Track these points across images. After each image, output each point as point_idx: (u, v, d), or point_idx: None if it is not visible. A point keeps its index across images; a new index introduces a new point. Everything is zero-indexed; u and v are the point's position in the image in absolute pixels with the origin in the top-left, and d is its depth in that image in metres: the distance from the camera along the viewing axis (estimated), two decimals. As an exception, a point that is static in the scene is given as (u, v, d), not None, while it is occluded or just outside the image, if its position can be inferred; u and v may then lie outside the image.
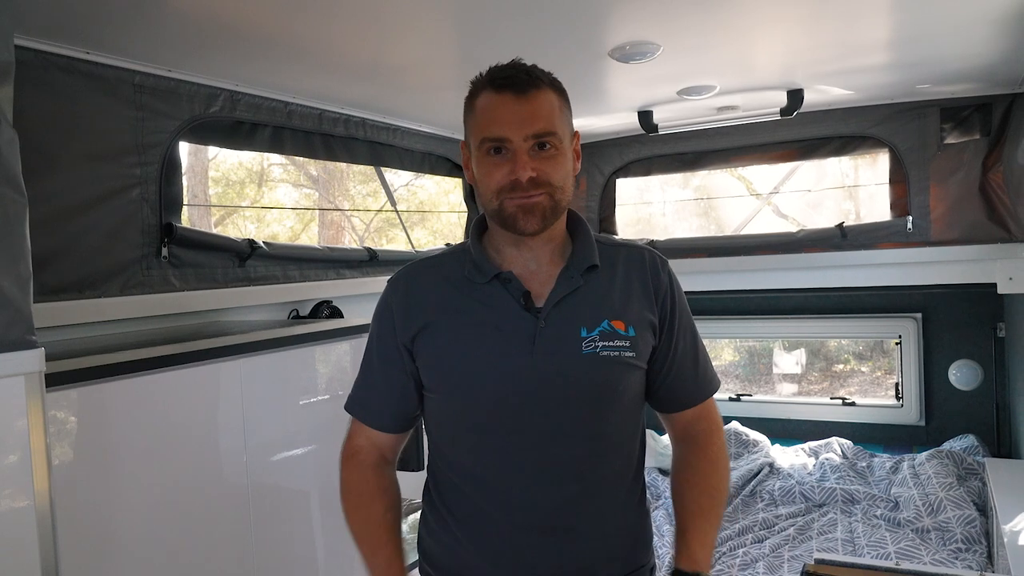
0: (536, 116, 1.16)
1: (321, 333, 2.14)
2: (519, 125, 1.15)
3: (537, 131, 1.15)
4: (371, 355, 1.32)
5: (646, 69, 2.46)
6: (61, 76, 1.97)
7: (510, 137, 1.15)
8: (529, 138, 1.15)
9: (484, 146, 1.18)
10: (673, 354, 1.30)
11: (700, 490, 1.30)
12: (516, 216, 1.17)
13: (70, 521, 1.47)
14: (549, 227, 1.21)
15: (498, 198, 1.18)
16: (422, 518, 1.36)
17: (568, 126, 1.23)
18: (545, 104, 1.17)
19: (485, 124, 1.18)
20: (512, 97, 1.16)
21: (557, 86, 1.22)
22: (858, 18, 2.10)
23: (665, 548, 3.10)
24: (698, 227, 4.87)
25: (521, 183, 1.15)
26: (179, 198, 2.36)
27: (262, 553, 1.92)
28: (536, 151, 1.16)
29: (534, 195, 1.16)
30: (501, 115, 1.16)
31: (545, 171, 1.16)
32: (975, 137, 3.29)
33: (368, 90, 2.70)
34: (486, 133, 1.17)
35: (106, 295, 2.11)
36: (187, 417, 1.76)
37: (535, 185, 1.15)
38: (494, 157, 1.18)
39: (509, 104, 1.16)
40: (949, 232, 3.39)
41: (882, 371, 4.74)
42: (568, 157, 1.21)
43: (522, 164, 1.15)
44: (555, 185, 1.18)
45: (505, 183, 1.16)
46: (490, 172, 1.18)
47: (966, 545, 2.88)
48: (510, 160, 1.16)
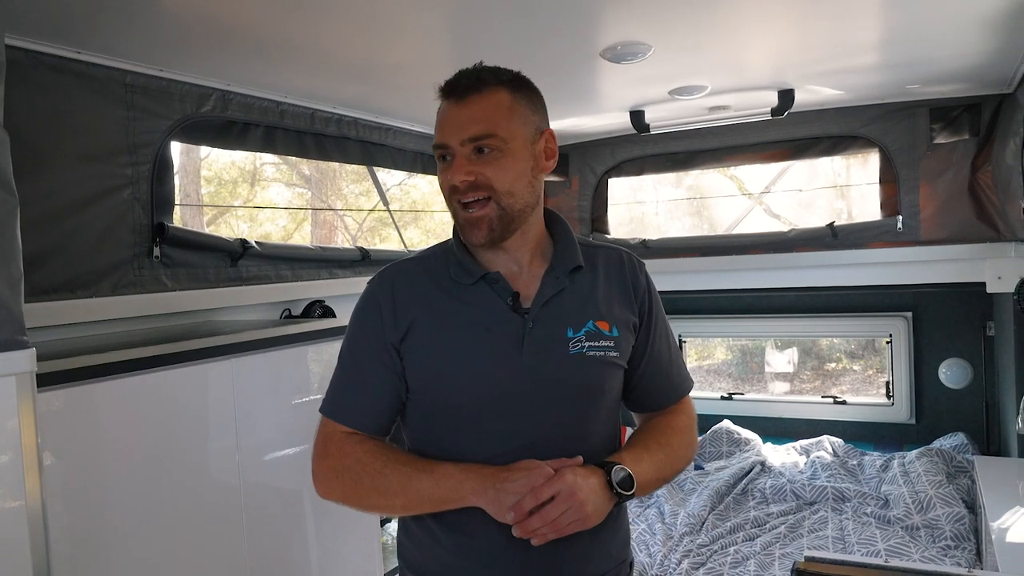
0: (473, 120, 1.16)
1: (313, 333, 2.14)
2: (456, 130, 1.17)
3: (472, 135, 1.16)
4: (352, 353, 1.28)
5: (638, 69, 2.47)
6: (52, 76, 1.97)
7: (448, 143, 1.18)
8: (465, 142, 1.16)
9: (436, 153, 1.22)
10: (651, 354, 1.33)
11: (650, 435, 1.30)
12: (464, 227, 1.20)
13: (61, 521, 1.47)
14: (505, 235, 1.21)
15: (451, 206, 1.21)
16: (402, 526, 1.34)
17: (525, 125, 1.20)
18: (487, 106, 1.17)
19: (436, 132, 1.21)
20: (453, 103, 1.18)
21: (514, 85, 1.21)
22: (848, 19, 2.12)
23: (657, 546, 3.11)
24: (691, 226, 4.89)
25: (458, 188, 1.17)
26: (171, 198, 2.36)
27: (255, 553, 1.92)
28: (475, 155, 1.17)
29: (478, 206, 1.17)
30: (444, 121, 1.19)
31: (484, 174, 1.16)
32: (964, 137, 3.31)
33: (360, 90, 2.70)
34: (435, 140, 1.21)
35: (97, 295, 2.10)
36: (179, 417, 1.76)
37: (474, 189, 1.16)
38: (443, 164, 1.21)
39: (450, 110, 1.19)
40: (939, 232, 3.41)
41: (873, 370, 4.75)
42: (518, 158, 1.19)
43: (456, 168, 1.17)
44: (498, 190, 1.17)
45: (447, 189, 1.19)
46: (441, 179, 1.21)
47: (955, 542, 2.90)
48: (452, 166, 1.18)
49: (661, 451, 1.27)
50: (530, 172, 1.21)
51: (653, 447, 1.26)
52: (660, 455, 1.26)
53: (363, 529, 2.33)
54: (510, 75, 1.21)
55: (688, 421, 1.37)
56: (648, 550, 3.11)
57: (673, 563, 2.98)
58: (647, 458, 1.22)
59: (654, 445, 1.27)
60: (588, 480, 1.12)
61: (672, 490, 3.63)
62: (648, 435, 1.30)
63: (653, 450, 1.25)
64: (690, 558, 2.99)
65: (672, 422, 1.34)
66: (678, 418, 1.36)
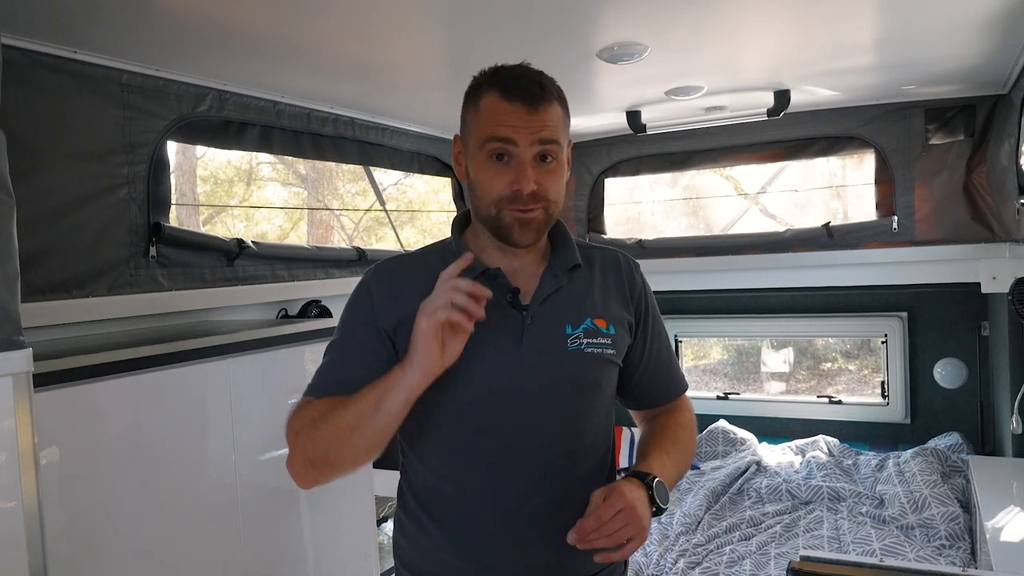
0: (544, 126, 1.16)
1: (310, 333, 2.14)
2: (527, 131, 1.15)
3: (543, 137, 1.15)
4: (342, 341, 1.24)
5: (634, 70, 2.48)
6: (48, 75, 1.97)
7: (516, 140, 1.14)
8: (536, 144, 1.15)
9: (488, 147, 1.16)
10: (649, 352, 1.34)
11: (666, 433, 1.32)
12: (512, 228, 1.17)
13: (58, 522, 1.47)
14: (541, 238, 1.23)
15: (497, 207, 1.17)
16: (397, 524, 1.33)
17: (567, 138, 1.23)
18: (551, 116, 1.17)
19: (491, 126, 1.16)
20: (523, 108, 1.15)
21: (563, 99, 1.21)
22: (844, 20, 2.12)
23: (653, 546, 3.11)
24: (687, 226, 4.89)
25: (522, 195, 1.15)
26: (167, 197, 2.35)
27: (251, 552, 1.92)
28: (538, 162, 1.16)
29: (532, 209, 1.16)
30: (511, 121, 1.15)
31: (544, 185, 1.16)
32: (959, 138, 3.32)
33: (357, 90, 2.70)
34: (493, 131, 1.15)
35: (94, 295, 2.10)
36: (176, 417, 1.76)
37: (535, 199, 1.16)
38: (496, 164, 1.16)
39: (520, 114, 1.15)
40: (934, 232, 3.42)
41: (869, 369, 4.76)
42: (565, 170, 1.22)
43: (527, 176, 1.14)
44: (551, 200, 1.18)
45: (506, 193, 1.15)
46: (491, 179, 1.17)
47: (950, 542, 2.91)
48: (513, 169, 1.15)
49: (676, 452, 1.29)
50: (565, 184, 1.24)
51: (670, 449, 1.28)
52: (677, 456, 1.28)
53: (359, 528, 2.33)
54: (559, 88, 1.21)
55: (690, 419, 1.39)
56: (644, 550, 3.11)
57: (669, 563, 2.98)
58: (669, 463, 1.24)
59: (670, 446, 1.29)
60: (639, 494, 1.12)
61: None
62: (662, 437, 1.31)
63: (671, 453, 1.27)
64: (686, 558, 3.00)
65: (678, 419, 1.37)
66: (682, 415, 1.38)
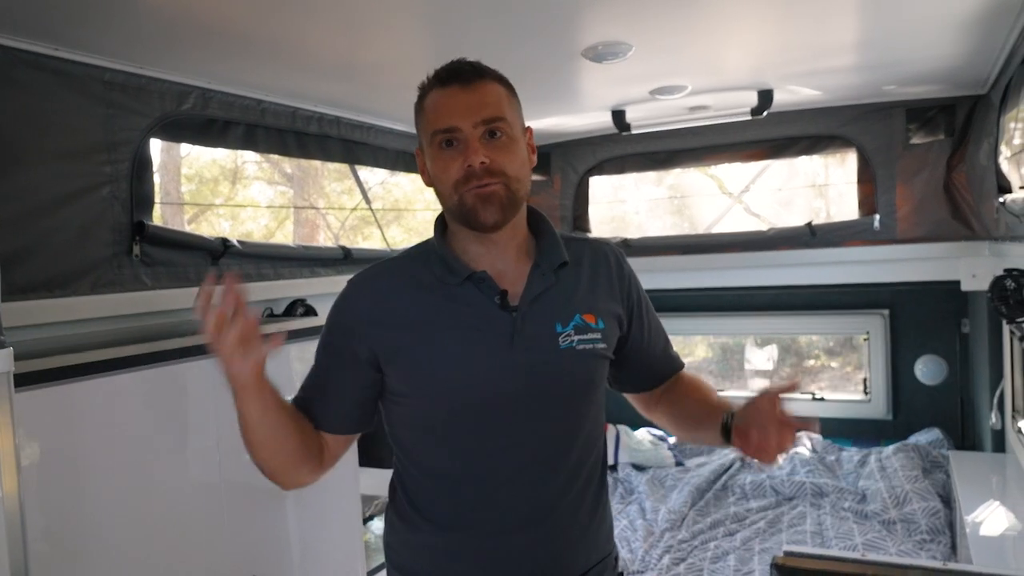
0: (484, 103, 1.16)
1: (295, 331, 2.14)
2: (467, 113, 1.15)
3: (486, 116, 1.15)
4: (322, 355, 1.28)
5: (618, 69, 2.49)
6: (29, 73, 1.95)
7: (459, 126, 1.15)
8: (479, 124, 1.15)
9: (436, 140, 1.17)
10: (647, 336, 1.38)
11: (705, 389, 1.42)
12: (475, 209, 1.16)
13: (39, 523, 1.46)
14: (509, 220, 1.20)
15: (456, 192, 1.17)
16: (388, 524, 1.33)
17: (519, 119, 1.23)
18: (492, 93, 1.18)
19: (434, 118, 1.18)
20: (459, 88, 1.17)
21: (504, 80, 1.22)
22: (826, 20, 2.14)
23: (638, 542, 3.13)
24: (671, 225, 4.90)
25: (475, 170, 1.14)
26: (150, 196, 2.34)
27: (236, 552, 1.92)
28: (487, 139, 1.16)
29: (490, 183, 1.15)
30: (449, 106, 1.16)
31: (498, 160, 1.16)
32: (940, 137, 3.36)
33: (342, 88, 2.69)
34: (436, 126, 1.17)
35: (76, 294, 2.08)
36: (159, 417, 1.75)
37: (489, 173, 1.15)
38: (447, 151, 1.17)
39: (457, 95, 1.16)
40: (915, 230, 3.46)
41: (851, 366, 4.80)
42: (521, 147, 1.21)
43: (474, 150, 1.14)
44: (509, 175, 1.17)
45: (460, 175, 1.15)
46: (445, 167, 1.17)
47: (931, 536, 2.94)
48: (461, 151, 1.16)
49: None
50: (527, 162, 1.23)
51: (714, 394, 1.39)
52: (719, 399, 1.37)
53: (345, 527, 2.33)
54: (497, 71, 1.22)
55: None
56: (629, 546, 3.13)
57: (654, 559, 3.00)
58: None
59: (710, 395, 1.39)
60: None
61: (653, 486, 3.66)
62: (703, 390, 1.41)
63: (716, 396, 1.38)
64: (671, 554, 3.01)
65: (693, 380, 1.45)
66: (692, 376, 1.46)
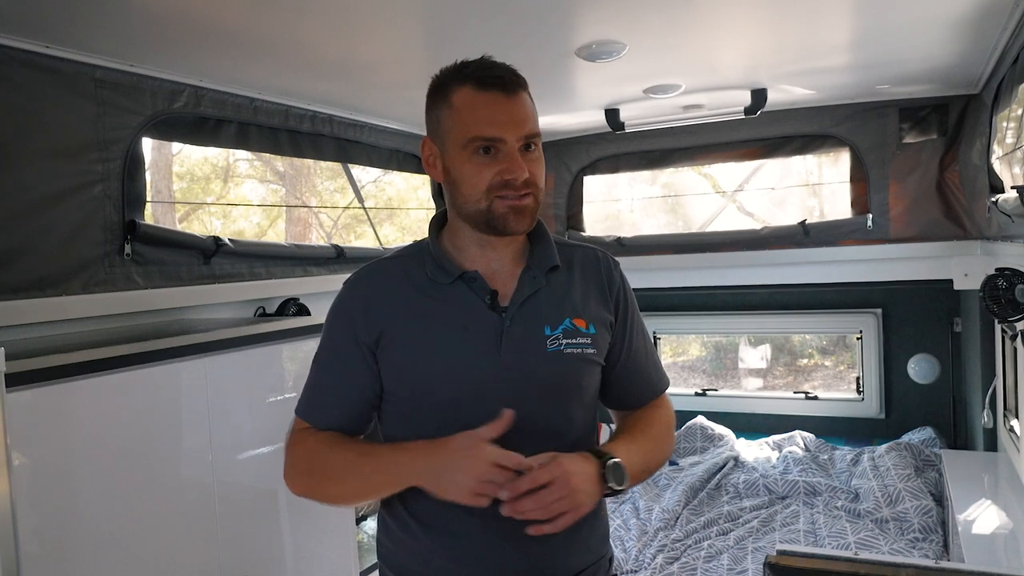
0: (526, 117, 1.17)
1: (288, 331, 2.13)
2: (512, 126, 1.15)
3: (528, 132, 1.17)
4: (325, 357, 1.30)
5: (612, 68, 2.49)
6: (20, 70, 1.93)
7: (505, 138, 1.15)
8: (521, 138, 1.16)
9: (473, 145, 1.16)
10: (629, 351, 1.34)
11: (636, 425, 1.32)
12: (507, 217, 1.17)
13: (31, 523, 1.45)
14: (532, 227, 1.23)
15: (487, 198, 1.17)
16: (381, 524, 1.33)
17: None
18: (528, 105, 1.19)
19: (474, 123, 1.16)
20: (503, 96, 1.16)
21: (527, 87, 1.22)
22: (820, 20, 2.15)
23: (632, 541, 3.13)
24: (665, 224, 4.91)
25: (516, 183, 1.15)
26: (142, 195, 2.32)
27: (229, 552, 1.91)
28: (523, 152, 1.17)
29: (526, 195, 1.17)
30: (493, 114, 1.15)
31: (534, 173, 1.18)
32: (932, 137, 3.37)
33: (335, 87, 2.68)
34: (477, 132, 1.15)
35: (67, 293, 2.07)
36: (151, 417, 1.74)
37: (527, 185, 1.17)
38: (483, 157, 1.16)
39: (501, 103, 1.16)
40: (907, 230, 3.47)
41: (844, 365, 4.82)
42: (544, 158, 1.23)
43: (520, 165, 1.15)
44: (539, 187, 1.20)
45: (496, 182, 1.15)
46: (479, 171, 1.16)
47: (923, 534, 2.96)
48: (501, 160, 1.15)
49: (646, 440, 1.28)
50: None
51: (640, 437, 1.27)
52: (646, 444, 1.27)
53: (338, 527, 2.32)
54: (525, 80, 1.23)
55: (668, 415, 1.38)
56: (623, 545, 3.13)
57: (648, 558, 3.00)
58: (635, 449, 1.23)
59: (640, 435, 1.28)
60: (583, 468, 1.12)
61: (647, 486, 3.66)
62: (633, 426, 1.31)
63: (640, 441, 1.26)
64: (664, 553, 3.02)
65: (654, 414, 1.36)
66: (659, 411, 1.37)
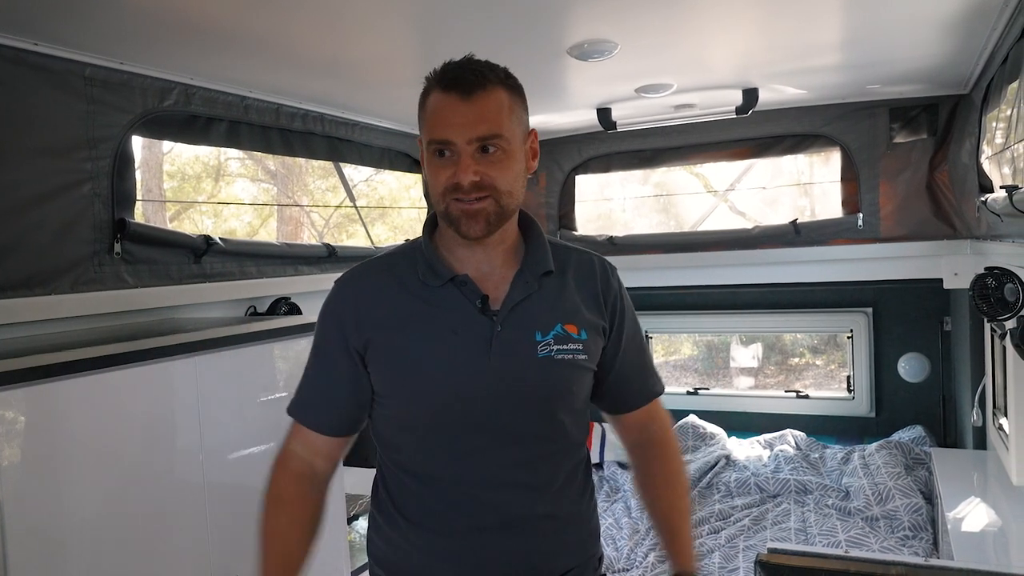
0: (481, 119, 1.14)
1: (279, 330, 2.12)
2: (462, 128, 1.13)
3: (480, 134, 1.13)
4: (315, 357, 1.30)
5: (604, 67, 2.49)
6: (8, 68, 1.92)
7: (452, 140, 1.13)
8: (472, 141, 1.13)
9: (431, 147, 1.17)
10: (623, 356, 1.33)
11: (677, 493, 1.38)
12: (460, 220, 1.16)
13: (19, 523, 1.44)
14: (494, 232, 1.19)
15: (444, 200, 1.16)
16: (371, 521, 1.34)
17: (520, 126, 1.20)
18: (492, 105, 1.15)
19: (431, 125, 1.16)
20: (458, 98, 1.14)
21: (510, 83, 1.19)
22: (811, 20, 2.15)
23: (624, 540, 3.14)
24: (657, 223, 4.92)
25: (462, 186, 1.13)
26: (132, 193, 2.31)
27: (219, 553, 1.90)
28: (480, 154, 1.14)
29: (477, 201, 1.14)
30: (446, 117, 1.14)
31: (489, 175, 1.14)
32: (922, 137, 3.39)
33: (327, 85, 2.68)
34: (431, 135, 1.16)
35: (57, 292, 2.06)
36: (141, 416, 1.73)
37: (478, 188, 1.14)
38: (439, 159, 1.16)
39: (455, 105, 1.14)
40: (898, 229, 3.49)
41: (835, 364, 4.84)
42: (517, 159, 1.18)
43: (464, 168, 1.13)
44: (500, 190, 1.15)
45: (448, 185, 1.15)
46: (436, 174, 1.16)
47: (913, 532, 2.97)
48: (453, 163, 1.14)
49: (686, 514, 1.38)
50: (523, 172, 1.21)
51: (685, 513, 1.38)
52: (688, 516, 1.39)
53: (330, 526, 2.31)
54: (505, 73, 1.20)
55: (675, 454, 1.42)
56: (615, 544, 3.13)
57: (639, 556, 3.01)
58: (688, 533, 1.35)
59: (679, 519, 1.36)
60: None
61: (639, 485, 3.66)
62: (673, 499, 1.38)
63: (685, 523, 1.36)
64: (656, 551, 3.02)
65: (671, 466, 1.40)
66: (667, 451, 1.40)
